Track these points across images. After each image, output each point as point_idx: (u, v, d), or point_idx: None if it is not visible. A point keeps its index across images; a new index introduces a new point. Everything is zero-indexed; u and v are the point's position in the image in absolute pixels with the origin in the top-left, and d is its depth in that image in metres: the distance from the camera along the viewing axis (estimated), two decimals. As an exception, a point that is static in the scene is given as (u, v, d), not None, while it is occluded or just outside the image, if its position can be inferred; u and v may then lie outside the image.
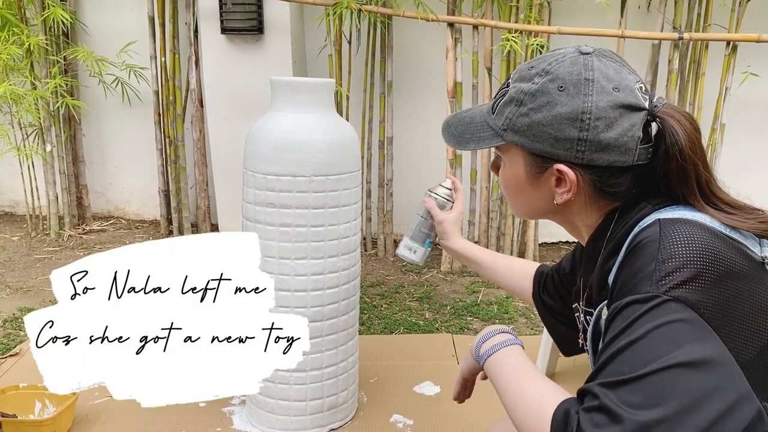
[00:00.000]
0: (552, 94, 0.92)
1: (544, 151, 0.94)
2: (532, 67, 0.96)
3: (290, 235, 1.85)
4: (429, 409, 2.19)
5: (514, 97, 0.96)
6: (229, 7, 3.41)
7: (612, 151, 0.91)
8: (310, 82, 1.86)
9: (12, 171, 4.18)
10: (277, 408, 1.99)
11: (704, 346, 0.77)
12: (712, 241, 0.84)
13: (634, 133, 0.91)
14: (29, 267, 3.51)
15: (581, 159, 0.92)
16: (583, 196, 0.97)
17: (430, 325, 2.85)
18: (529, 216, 1.07)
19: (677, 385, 0.74)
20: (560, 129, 0.92)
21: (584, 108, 0.90)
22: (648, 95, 0.93)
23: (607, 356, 0.80)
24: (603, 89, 0.90)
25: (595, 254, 1.01)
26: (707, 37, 3.34)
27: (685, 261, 0.82)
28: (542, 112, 0.93)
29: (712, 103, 3.47)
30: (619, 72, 0.92)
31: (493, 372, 0.97)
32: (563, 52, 0.95)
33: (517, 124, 0.95)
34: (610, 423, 0.73)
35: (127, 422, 2.08)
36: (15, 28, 3.62)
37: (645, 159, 0.93)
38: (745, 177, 3.76)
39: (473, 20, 3.34)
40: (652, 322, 0.79)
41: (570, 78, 0.91)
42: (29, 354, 2.47)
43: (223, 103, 3.65)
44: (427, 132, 3.84)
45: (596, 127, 0.90)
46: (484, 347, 1.00)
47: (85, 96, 4.14)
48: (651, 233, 0.87)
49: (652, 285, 0.81)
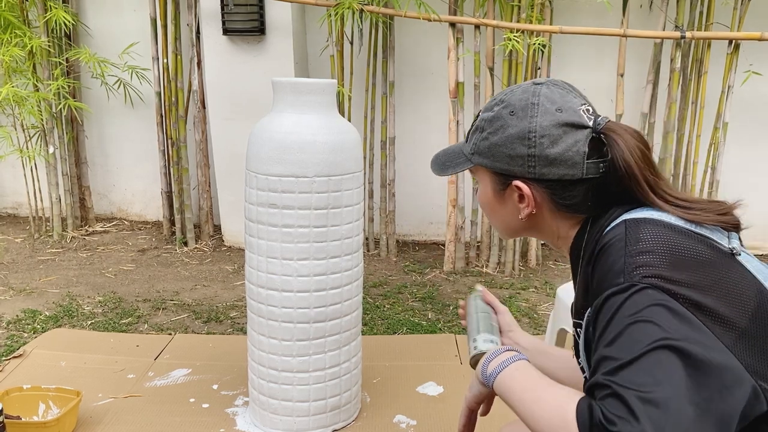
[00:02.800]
0: (505, 119, 1.06)
1: (503, 169, 1.07)
2: (493, 98, 1.11)
3: (293, 236, 1.85)
4: (432, 409, 2.19)
5: (478, 126, 1.11)
6: (230, 8, 3.42)
7: (560, 165, 1.03)
8: (312, 83, 1.86)
9: (15, 173, 4.19)
10: (280, 409, 1.99)
11: (686, 328, 0.83)
12: (674, 236, 0.94)
13: (579, 148, 1.02)
14: (32, 269, 3.51)
15: (534, 174, 1.04)
16: (546, 209, 1.08)
17: (433, 326, 2.85)
18: (509, 234, 1.18)
19: (671, 362, 0.80)
20: (512, 148, 1.04)
21: (530, 128, 1.03)
22: (593, 116, 1.04)
23: (603, 348, 0.85)
24: (546, 110, 1.03)
25: (576, 264, 1.09)
26: (709, 35, 3.34)
27: (653, 253, 0.90)
28: (497, 134, 1.06)
29: (714, 102, 3.46)
30: (564, 96, 1.05)
31: (504, 387, 0.97)
32: (520, 84, 1.10)
33: (481, 147, 1.10)
34: (626, 405, 0.77)
35: (130, 423, 2.08)
36: (17, 30, 3.63)
37: (596, 173, 1.03)
38: (747, 175, 3.76)
39: (475, 20, 3.34)
40: (636, 307, 0.85)
41: (519, 104, 1.05)
42: (33, 355, 2.48)
43: (225, 105, 3.65)
44: (429, 132, 3.84)
45: (542, 143, 1.02)
46: (491, 367, 1.00)
47: (88, 97, 4.15)
48: (618, 233, 0.97)
49: (625, 276, 0.89)
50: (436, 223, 3.99)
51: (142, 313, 2.97)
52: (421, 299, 3.16)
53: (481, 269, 3.58)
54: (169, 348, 2.59)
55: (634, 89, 3.59)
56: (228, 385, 2.31)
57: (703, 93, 3.45)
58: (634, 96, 3.60)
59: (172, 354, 2.54)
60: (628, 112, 3.50)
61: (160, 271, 3.52)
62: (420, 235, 4.07)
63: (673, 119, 3.47)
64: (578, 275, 1.08)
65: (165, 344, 2.62)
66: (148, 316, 2.94)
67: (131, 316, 2.92)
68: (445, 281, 3.42)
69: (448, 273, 3.53)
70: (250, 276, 1.97)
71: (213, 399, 2.23)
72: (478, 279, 3.43)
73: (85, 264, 3.60)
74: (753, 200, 3.07)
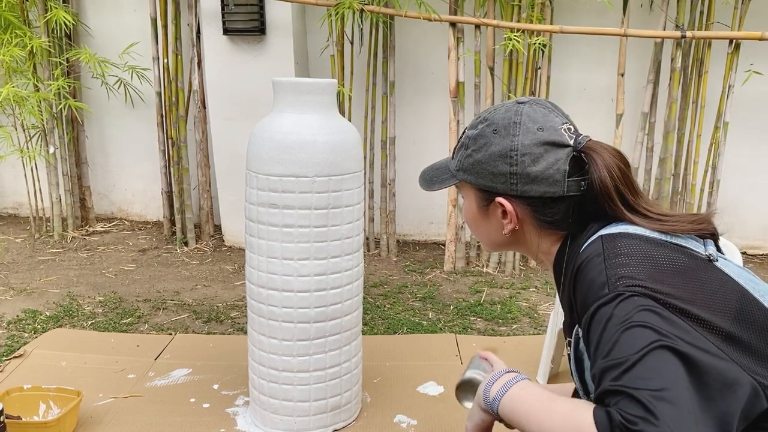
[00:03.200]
0: (488, 137, 1.08)
1: (487, 186, 1.10)
2: (479, 117, 1.13)
3: (293, 235, 1.85)
4: (432, 409, 2.19)
5: (463, 143, 1.14)
6: (231, 8, 3.42)
7: (541, 183, 1.05)
8: (312, 83, 1.86)
9: (15, 173, 4.19)
10: (281, 409, 1.99)
11: (677, 330, 0.85)
12: (651, 247, 0.96)
13: (560, 166, 1.04)
14: (33, 269, 3.51)
15: (516, 191, 1.07)
16: (529, 226, 1.10)
17: (434, 325, 2.85)
18: (493, 247, 1.20)
19: (672, 362, 0.81)
20: (495, 165, 1.07)
21: (512, 146, 1.05)
22: (575, 135, 1.06)
23: (602, 360, 0.85)
24: (528, 130, 1.05)
25: (559, 280, 1.10)
26: (710, 35, 3.33)
27: (632, 266, 0.92)
28: (481, 152, 1.09)
29: (715, 102, 3.46)
30: (546, 116, 1.07)
31: (511, 407, 0.96)
32: (504, 103, 1.12)
33: (465, 164, 1.12)
34: (642, 405, 0.78)
35: (131, 423, 2.08)
36: (18, 30, 3.63)
37: (577, 190, 1.05)
38: (747, 174, 3.76)
39: (475, 20, 3.34)
40: (626, 314, 0.86)
41: (502, 122, 1.07)
42: (33, 355, 2.48)
43: (226, 104, 3.65)
44: (429, 132, 3.84)
45: (523, 162, 1.04)
46: (493, 390, 1.00)
47: (88, 98, 4.15)
48: (595, 248, 0.99)
49: (609, 287, 0.90)
50: (437, 222, 3.98)
51: (142, 313, 2.97)
52: (422, 299, 3.16)
53: (481, 269, 3.58)
54: (169, 348, 2.59)
55: (635, 89, 3.59)
56: (228, 385, 2.31)
57: (703, 93, 3.45)
58: (635, 96, 3.60)
59: (173, 354, 2.54)
60: (628, 112, 3.50)
61: (160, 271, 3.52)
62: (420, 235, 4.07)
63: (673, 119, 3.47)
64: (562, 293, 1.09)
65: (165, 344, 2.62)
66: (148, 316, 2.94)
67: (132, 316, 2.92)
68: (446, 281, 3.42)
69: (448, 273, 3.53)
70: (250, 276, 1.97)
71: (213, 399, 2.23)
72: (478, 279, 3.43)
73: (85, 264, 3.60)
74: (753, 200, 3.12)
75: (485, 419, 1.04)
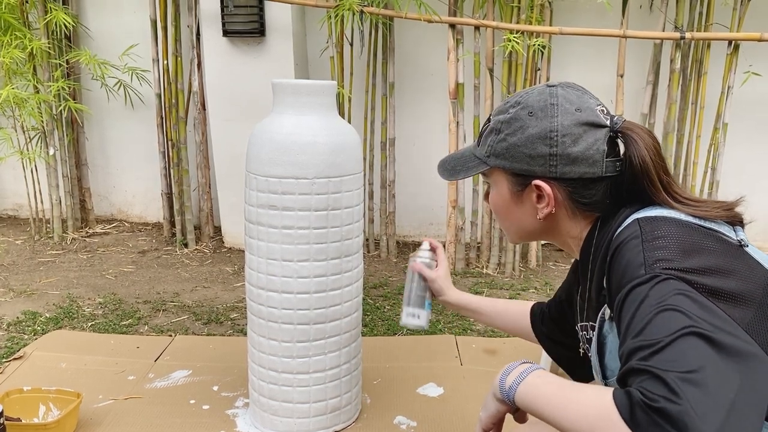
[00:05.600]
0: (524, 120, 1.07)
1: (522, 170, 1.08)
2: (507, 102, 1.12)
3: (293, 237, 1.86)
4: (432, 410, 2.19)
5: (494, 128, 1.12)
6: (230, 10, 3.42)
7: (581, 164, 1.05)
8: (312, 85, 1.86)
9: (15, 174, 4.19)
10: (281, 410, 1.99)
11: (710, 316, 0.84)
12: (687, 230, 0.96)
13: (599, 146, 1.05)
14: (33, 270, 3.52)
15: (555, 173, 1.06)
16: (563, 209, 1.10)
17: (433, 326, 2.85)
18: (522, 237, 1.19)
19: (703, 348, 0.80)
20: (533, 147, 1.06)
21: (552, 127, 1.05)
22: (609, 116, 1.07)
23: (632, 339, 0.85)
24: (566, 111, 1.05)
25: (587, 264, 1.10)
26: (709, 36, 3.34)
27: (669, 248, 0.92)
28: (516, 135, 1.08)
29: (714, 103, 3.46)
30: (580, 97, 1.08)
31: (529, 396, 0.95)
32: (534, 87, 1.12)
33: (497, 149, 1.10)
34: (665, 384, 0.77)
35: (131, 425, 2.08)
36: (17, 32, 3.63)
37: (614, 171, 1.06)
38: (747, 175, 3.76)
39: (475, 21, 3.34)
40: (661, 296, 0.86)
41: (537, 104, 1.07)
42: (33, 357, 2.48)
43: (225, 106, 3.65)
44: (429, 133, 3.84)
45: (564, 142, 1.04)
46: (509, 380, 0.99)
47: (88, 99, 4.15)
48: (632, 231, 0.98)
49: (647, 268, 0.91)
50: (437, 224, 3.99)
51: (142, 314, 2.97)
52: (422, 300, 3.16)
53: (481, 270, 3.58)
54: (169, 349, 2.59)
55: (634, 90, 3.60)
56: (228, 387, 2.31)
57: (702, 93, 3.45)
58: (634, 97, 3.60)
59: (173, 355, 2.54)
60: (628, 113, 3.50)
61: (160, 273, 3.52)
62: (420, 236, 4.07)
63: (672, 120, 3.47)
64: (589, 277, 1.08)
65: (165, 346, 2.62)
66: (148, 318, 2.94)
67: (131, 318, 2.92)
68: (446, 282, 3.42)
69: (448, 274, 3.53)
70: (250, 277, 1.97)
71: (213, 400, 2.23)
72: (478, 280, 3.43)
73: (85, 265, 3.60)
74: (753, 201, 3.08)
75: (500, 409, 1.02)
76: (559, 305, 1.40)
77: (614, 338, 1.04)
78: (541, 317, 1.47)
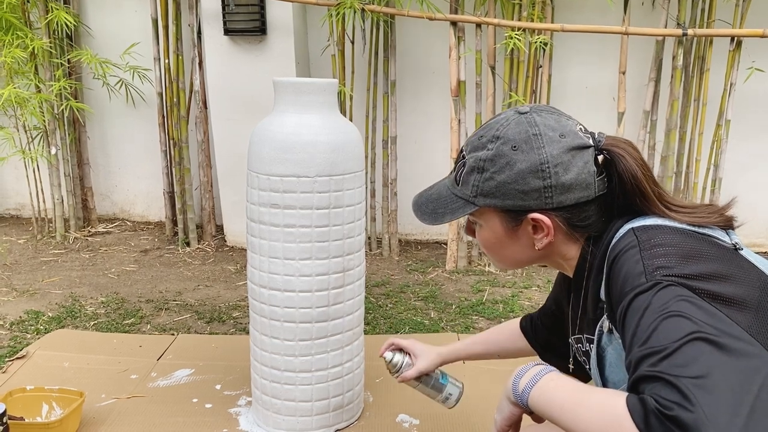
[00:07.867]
0: (508, 155, 1.03)
1: (516, 206, 1.05)
2: (481, 136, 1.07)
3: (294, 235, 1.85)
4: (435, 408, 2.18)
5: (475, 166, 1.07)
6: (231, 9, 3.42)
7: (575, 190, 1.03)
8: (313, 83, 1.86)
9: (17, 174, 4.19)
10: (283, 409, 1.99)
11: (713, 320, 0.84)
12: (682, 237, 0.97)
13: (589, 168, 1.03)
14: (35, 270, 3.52)
15: (551, 204, 1.04)
16: (561, 235, 1.08)
17: (436, 325, 2.85)
18: (517, 266, 1.17)
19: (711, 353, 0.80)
20: (525, 183, 1.03)
21: (541, 159, 1.02)
22: (588, 134, 1.06)
23: (638, 348, 0.85)
24: (551, 139, 1.02)
25: (581, 282, 1.10)
26: (711, 32, 3.33)
27: (668, 255, 0.93)
28: (505, 172, 1.04)
29: (717, 99, 3.45)
30: (558, 121, 1.05)
31: (542, 399, 0.95)
32: (504, 116, 1.07)
33: (485, 188, 1.06)
34: (679, 390, 0.77)
35: (134, 424, 2.08)
36: (19, 32, 3.63)
37: (604, 189, 1.05)
38: (749, 172, 3.75)
39: (476, 19, 3.33)
40: (664, 303, 0.86)
41: (519, 137, 1.03)
42: (36, 356, 2.48)
43: (227, 105, 3.65)
44: (430, 131, 3.83)
45: (557, 173, 1.02)
46: (522, 383, 0.98)
47: (89, 98, 4.15)
48: (628, 241, 0.98)
49: (647, 276, 0.90)
50: (439, 222, 3.98)
51: (144, 313, 2.97)
52: (424, 298, 3.16)
53: (483, 268, 3.57)
54: (171, 348, 2.59)
55: (636, 87, 3.59)
56: (231, 385, 2.31)
57: (705, 90, 3.44)
58: (636, 94, 3.59)
59: (175, 354, 2.55)
60: (630, 110, 3.50)
61: (162, 272, 3.52)
62: (422, 235, 4.07)
63: (675, 117, 3.46)
64: (584, 293, 1.08)
65: (168, 345, 2.62)
66: (150, 317, 2.94)
67: (134, 317, 2.93)
68: (448, 280, 3.42)
69: (450, 272, 3.53)
70: (252, 276, 1.97)
71: (216, 399, 2.23)
72: (480, 278, 3.43)
73: (87, 265, 3.61)
74: (756, 198, 3.10)
75: (515, 412, 1.01)
76: (551, 316, 1.40)
77: (614, 350, 1.04)
78: (534, 330, 1.48)
